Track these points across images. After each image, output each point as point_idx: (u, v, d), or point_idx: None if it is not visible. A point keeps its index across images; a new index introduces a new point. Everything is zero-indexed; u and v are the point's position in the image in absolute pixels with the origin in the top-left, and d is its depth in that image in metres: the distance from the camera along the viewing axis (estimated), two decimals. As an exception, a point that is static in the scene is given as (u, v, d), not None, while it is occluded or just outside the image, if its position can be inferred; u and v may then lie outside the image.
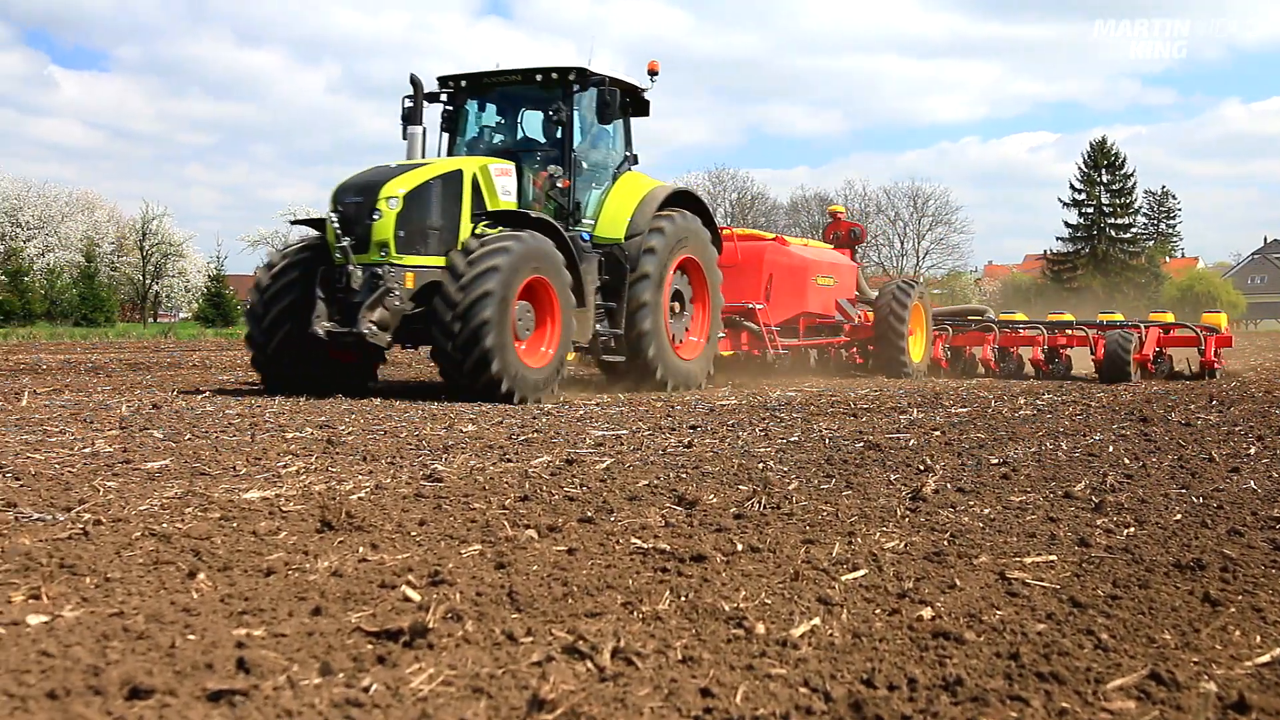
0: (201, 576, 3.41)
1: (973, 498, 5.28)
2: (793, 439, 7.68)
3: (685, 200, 14.24)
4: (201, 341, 35.12)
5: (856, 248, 21.06)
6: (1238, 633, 3.12)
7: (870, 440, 7.52)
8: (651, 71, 13.88)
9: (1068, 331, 19.29)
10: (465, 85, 13.40)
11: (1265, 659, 2.89)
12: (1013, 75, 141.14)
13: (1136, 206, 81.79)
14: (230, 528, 4.19)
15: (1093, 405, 11.46)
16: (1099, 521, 4.72)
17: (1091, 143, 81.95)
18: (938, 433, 8.29)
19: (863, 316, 19.16)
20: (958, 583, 3.58)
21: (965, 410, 10.55)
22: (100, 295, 54.50)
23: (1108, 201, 79.47)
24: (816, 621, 3.09)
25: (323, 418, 8.59)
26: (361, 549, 3.87)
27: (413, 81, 12.46)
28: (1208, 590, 3.54)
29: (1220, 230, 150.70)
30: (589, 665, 2.68)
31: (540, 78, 12.97)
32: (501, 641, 2.85)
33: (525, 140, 13.41)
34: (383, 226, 11.01)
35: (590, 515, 4.57)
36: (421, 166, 11.73)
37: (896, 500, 5.15)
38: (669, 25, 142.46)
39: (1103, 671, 2.75)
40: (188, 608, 3.06)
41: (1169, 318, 19.92)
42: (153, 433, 7.32)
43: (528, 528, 4.28)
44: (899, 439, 7.75)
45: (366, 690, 2.46)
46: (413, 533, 4.21)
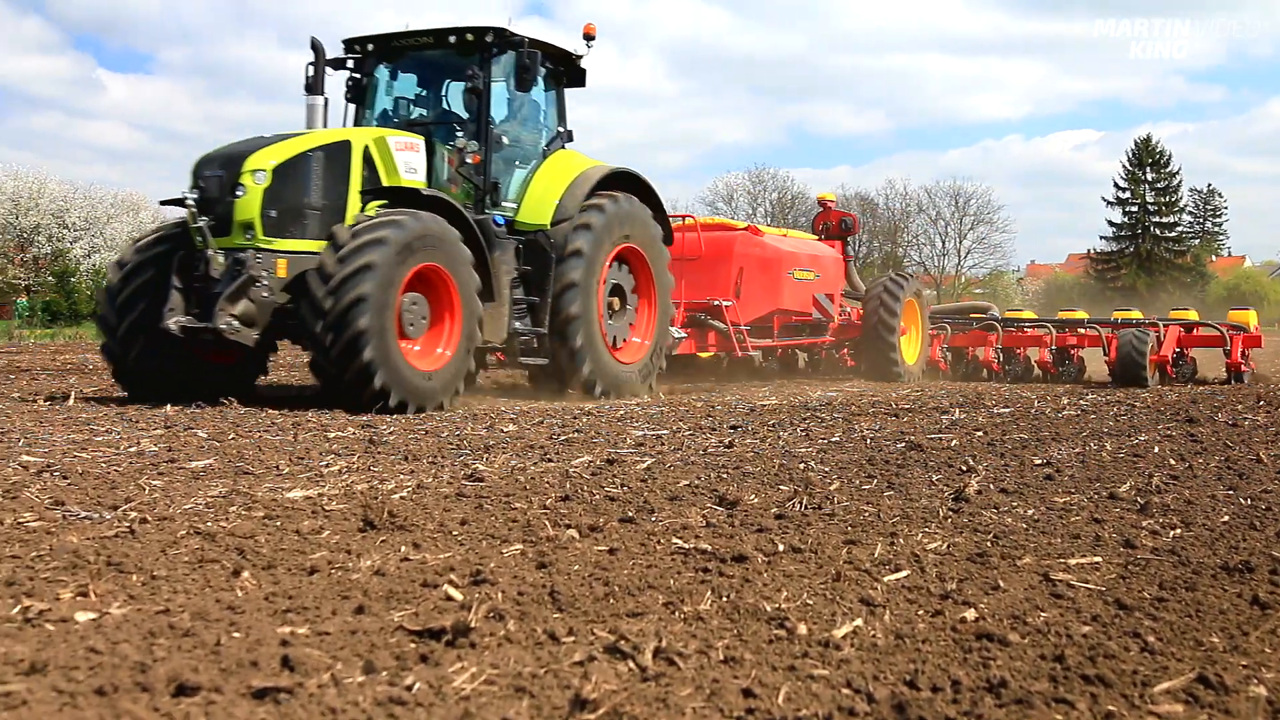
0: (246, 575, 3.44)
1: (1016, 498, 5.24)
2: (834, 439, 7.65)
3: (628, 182, 12.58)
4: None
5: (849, 239, 19.53)
6: (1287, 636, 3.08)
7: (912, 440, 7.48)
8: (587, 36, 12.41)
9: (1079, 330, 17.77)
10: (373, 50, 11.89)
11: (1316, 663, 2.85)
12: (1057, 73, 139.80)
13: (1182, 205, 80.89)
14: (274, 526, 4.22)
15: (1137, 405, 11.35)
16: (1144, 523, 4.67)
17: (1136, 140, 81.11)
18: (980, 433, 8.23)
19: (854, 314, 17.71)
20: (1001, 584, 3.56)
21: (1008, 410, 10.47)
22: (145, 296, 54.83)
23: (1152, 200, 78.62)
24: (859, 622, 3.07)
25: (364, 417, 8.65)
26: (404, 548, 3.89)
27: (313, 46, 11.09)
28: (1256, 593, 3.50)
29: (1268, 228, 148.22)
30: (631, 665, 2.68)
31: (454, 39, 11.52)
32: (543, 641, 2.85)
33: (442, 113, 11.89)
34: (246, 204, 9.59)
35: (631, 515, 4.57)
36: (297, 136, 10.25)
37: (939, 501, 5.11)
38: (709, 24, 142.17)
39: (1149, 674, 2.72)
40: (232, 606, 3.09)
41: (1192, 315, 18.05)
42: (197, 432, 7.39)
43: (569, 527, 4.28)
44: (941, 439, 7.71)
45: (409, 689, 2.47)
46: (454, 532, 4.22)
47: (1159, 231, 78.47)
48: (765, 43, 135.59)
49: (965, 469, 6.19)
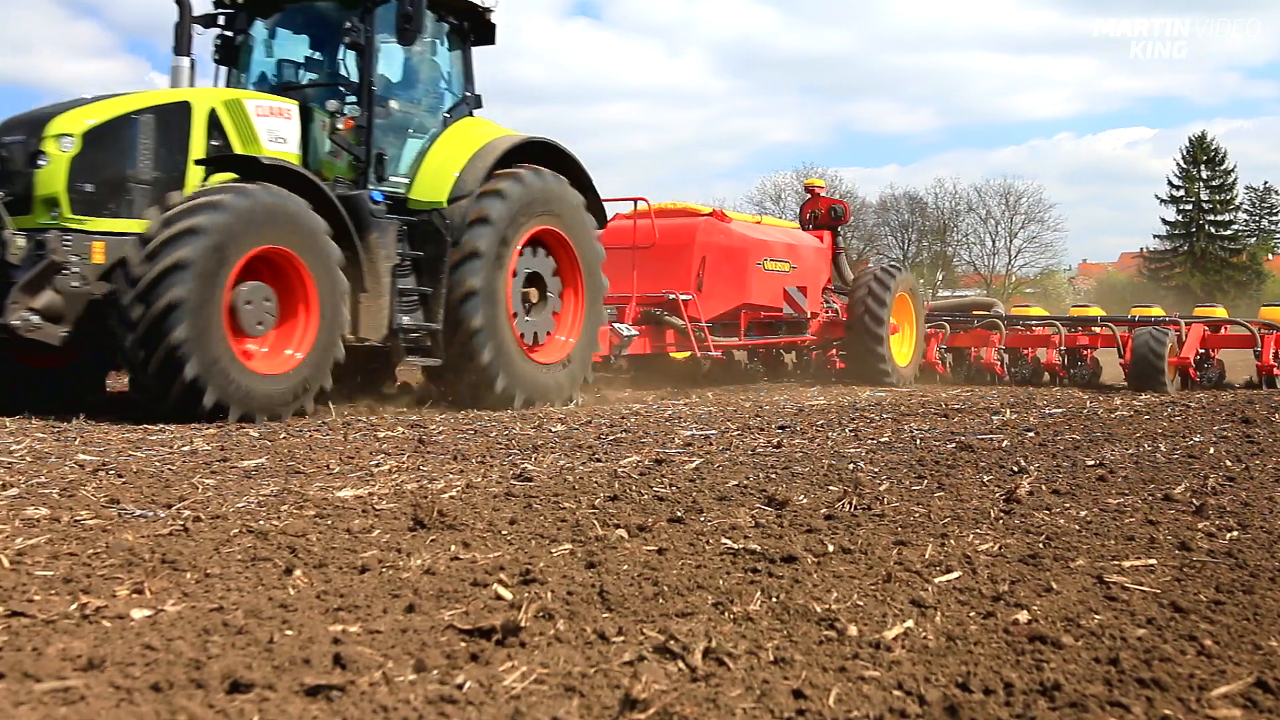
0: (298, 573, 3.47)
1: (1068, 500, 5.18)
2: (883, 439, 7.60)
3: (545, 155, 10.83)
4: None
5: (839, 229, 17.66)
6: (1349, 640, 3.03)
7: (962, 441, 7.42)
8: None
9: (1091, 329, 16.43)
10: (246, 3, 10.44)
11: (1378, 668, 2.80)
12: (1109, 70, 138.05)
13: (1237, 203, 79.65)
14: (325, 525, 4.26)
15: (1192, 406, 11.20)
16: (1200, 525, 4.60)
17: (1190, 138, 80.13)
18: (1031, 433, 8.15)
19: (842, 310, 16.14)
20: (1054, 586, 3.52)
21: (1060, 411, 10.37)
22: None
23: (1207, 198, 77.51)
24: (909, 624, 3.05)
25: (413, 416, 8.70)
26: (453, 547, 3.91)
27: (178, 1, 9.83)
28: (1316, 596, 3.44)
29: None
30: (680, 665, 2.67)
31: None
32: (593, 640, 2.85)
33: (329, 76, 10.40)
34: (49, 176, 8.17)
35: (680, 515, 4.56)
36: (118, 97, 8.74)
37: (990, 502, 5.07)
38: (757, 23, 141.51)
39: (1206, 678, 2.67)
40: (285, 604, 3.11)
41: (1220, 313, 16.45)
42: (249, 431, 7.47)
43: (618, 527, 4.28)
44: (991, 440, 7.64)
45: (460, 687, 2.48)
46: (504, 531, 4.24)
47: (1214, 230, 77.34)
48: (813, 41, 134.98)
49: (1016, 470, 6.13)
